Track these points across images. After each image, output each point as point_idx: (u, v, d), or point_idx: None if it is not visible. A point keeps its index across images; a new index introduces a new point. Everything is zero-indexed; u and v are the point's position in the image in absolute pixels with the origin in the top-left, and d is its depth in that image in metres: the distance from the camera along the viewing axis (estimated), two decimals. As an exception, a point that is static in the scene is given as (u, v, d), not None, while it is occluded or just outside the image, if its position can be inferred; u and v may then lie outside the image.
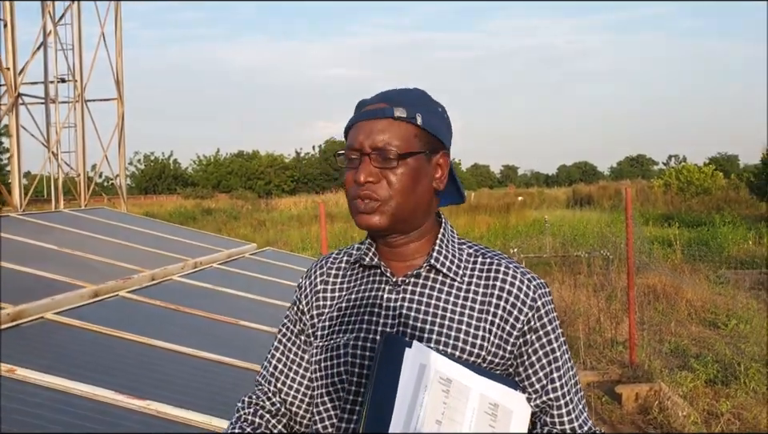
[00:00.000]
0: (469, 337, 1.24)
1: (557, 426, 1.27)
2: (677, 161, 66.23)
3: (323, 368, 1.30)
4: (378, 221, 1.24)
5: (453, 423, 1.16)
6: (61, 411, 2.18)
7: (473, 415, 1.18)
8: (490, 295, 1.27)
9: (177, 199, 41.70)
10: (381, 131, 1.23)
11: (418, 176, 1.25)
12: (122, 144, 19.78)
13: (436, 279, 1.29)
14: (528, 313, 1.26)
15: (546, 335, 1.28)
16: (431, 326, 1.25)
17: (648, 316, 8.21)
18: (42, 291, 3.34)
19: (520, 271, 1.29)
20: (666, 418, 5.05)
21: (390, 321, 1.26)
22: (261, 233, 18.81)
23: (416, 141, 1.24)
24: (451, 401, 1.17)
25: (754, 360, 6.20)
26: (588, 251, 11.73)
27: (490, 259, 1.31)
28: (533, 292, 1.27)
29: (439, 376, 1.18)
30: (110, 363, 2.67)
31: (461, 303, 1.27)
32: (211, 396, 2.54)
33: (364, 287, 1.32)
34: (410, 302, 1.27)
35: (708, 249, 12.99)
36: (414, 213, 1.27)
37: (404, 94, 1.28)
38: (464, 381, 1.19)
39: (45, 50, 17.71)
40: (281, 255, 6.28)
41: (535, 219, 19.80)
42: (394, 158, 1.23)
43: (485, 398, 1.20)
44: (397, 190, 1.23)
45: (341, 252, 1.42)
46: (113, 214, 6.50)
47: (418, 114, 1.25)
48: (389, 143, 1.23)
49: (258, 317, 3.76)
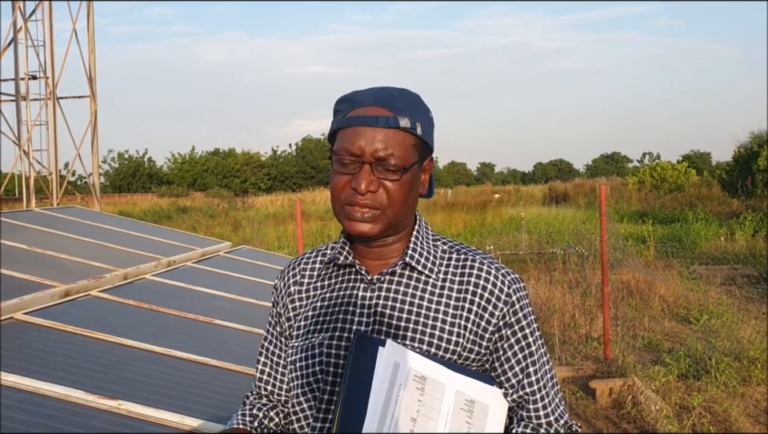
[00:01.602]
0: (444, 333, 1.25)
1: (533, 420, 1.28)
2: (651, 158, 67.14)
3: (299, 368, 1.30)
4: (371, 229, 1.24)
5: (428, 420, 1.16)
6: (30, 412, 2.15)
7: (449, 411, 1.18)
8: (465, 292, 1.27)
9: (152, 198, 41.33)
10: (384, 140, 1.21)
11: (413, 186, 1.26)
12: (95, 142, 19.55)
13: (411, 276, 1.29)
14: (503, 308, 1.26)
15: (521, 329, 1.28)
16: (406, 323, 1.25)
17: (622, 312, 8.31)
18: (10, 291, 3.28)
19: (494, 267, 1.29)
20: (639, 412, 5.12)
21: (366, 319, 1.26)
22: (237, 232, 18.70)
23: (414, 151, 1.25)
24: (426, 399, 1.17)
25: (725, 355, 6.30)
26: (563, 248, 11.83)
27: (464, 255, 1.31)
28: (507, 287, 1.27)
29: (414, 374, 1.18)
30: (80, 364, 2.64)
31: (436, 300, 1.27)
32: (184, 395, 2.51)
33: (339, 286, 1.32)
34: (386, 300, 1.27)
35: (681, 245, 13.18)
36: (403, 219, 1.28)
37: (402, 98, 1.25)
38: (439, 378, 1.20)
39: (15, 47, 17.46)
40: (256, 253, 6.25)
41: (511, 217, 19.94)
42: (397, 170, 1.22)
43: (461, 394, 1.20)
44: (395, 200, 1.23)
45: (314, 252, 1.42)
46: (85, 213, 6.42)
47: (418, 124, 1.24)
48: (392, 155, 1.21)
49: (232, 316, 3.74)
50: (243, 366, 2.95)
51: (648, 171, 29.38)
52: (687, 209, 19.60)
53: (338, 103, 1.28)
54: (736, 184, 23.35)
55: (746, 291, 9.55)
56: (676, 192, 25.96)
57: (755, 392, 5.59)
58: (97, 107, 19.56)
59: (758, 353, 6.27)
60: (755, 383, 5.75)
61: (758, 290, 9.60)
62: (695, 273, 10.74)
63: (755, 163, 22.44)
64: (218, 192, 38.37)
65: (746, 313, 8.16)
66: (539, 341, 1.30)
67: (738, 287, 9.77)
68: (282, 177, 56.58)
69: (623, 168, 69.68)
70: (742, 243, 13.44)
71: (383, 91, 1.26)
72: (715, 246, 13.30)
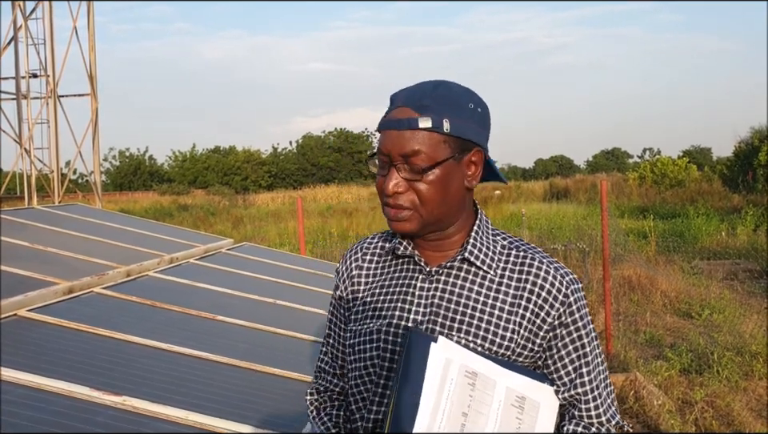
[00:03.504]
0: (499, 330, 1.26)
1: (584, 419, 1.29)
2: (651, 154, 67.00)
3: (356, 352, 1.33)
4: (410, 227, 1.26)
5: (479, 415, 1.17)
6: (34, 408, 2.15)
7: (499, 407, 1.19)
8: (522, 289, 1.28)
9: (153, 196, 41.29)
10: (408, 141, 1.22)
11: (447, 182, 1.26)
12: (96, 140, 19.53)
13: (469, 271, 1.30)
14: (559, 308, 1.27)
15: (576, 330, 1.29)
16: (462, 316, 1.27)
17: (624, 307, 8.31)
18: (14, 288, 3.29)
19: (554, 266, 1.30)
20: (641, 407, 5.12)
21: (422, 310, 1.29)
22: (238, 229, 18.70)
23: (444, 147, 1.24)
24: (477, 394, 1.19)
25: (727, 349, 6.31)
26: (564, 244, 11.83)
27: (524, 253, 1.32)
28: (565, 288, 1.28)
29: (465, 370, 1.19)
30: (84, 360, 2.64)
31: (493, 295, 1.28)
32: (188, 391, 2.52)
33: (398, 275, 1.35)
34: (443, 292, 1.29)
35: (682, 240, 13.16)
36: (446, 215, 1.28)
37: (433, 94, 1.25)
38: (490, 374, 1.21)
39: (15, 45, 17.45)
40: (258, 250, 6.25)
41: (512, 213, 19.90)
42: (420, 170, 1.23)
43: (511, 391, 1.21)
44: (426, 199, 1.24)
45: (376, 237, 1.45)
46: (87, 211, 6.42)
47: (445, 120, 1.23)
48: (416, 155, 1.22)
49: (235, 312, 3.75)
50: (247, 362, 2.95)
51: (649, 167, 29.30)
52: (688, 204, 19.56)
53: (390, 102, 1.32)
54: (737, 179, 23.32)
55: (748, 285, 9.55)
56: (677, 187, 25.89)
57: (757, 387, 5.59)
58: (98, 105, 19.54)
59: (760, 348, 6.27)
60: (757, 378, 5.75)
61: (759, 284, 9.59)
62: (697, 268, 10.74)
63: (756, 158, 22.42)
64: (219, 190, 38.35)
65: (748, 308, 8.16)
66: (594, 342, 1.32)
67: (739, 282, 9.76)
68: (283, 174, 56.55)
69: (624, 164, 69.63)
70: (744, 237, 13.42)
71: (417, 89, 1.26)
72: (716, 241, 13.28)
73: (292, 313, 4.13)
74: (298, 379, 2.89)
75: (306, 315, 4.14)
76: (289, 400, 2.66)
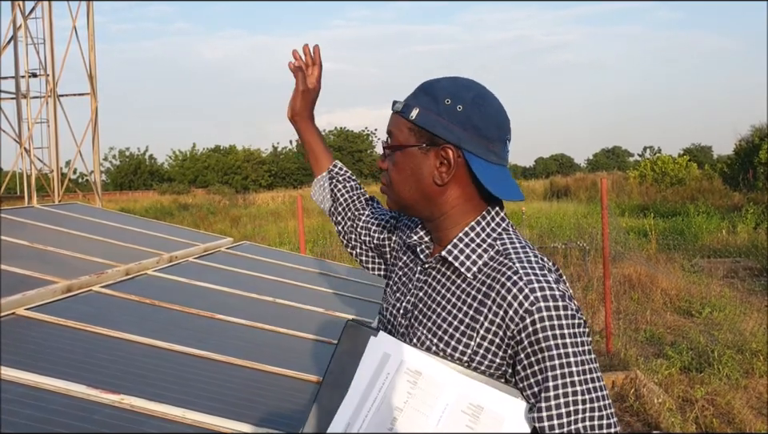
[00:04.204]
0: (456, 333, 1.24)
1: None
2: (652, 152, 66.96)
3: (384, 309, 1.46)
4: (389, 204, 1.38)
5: (417, 413, 1.16)
6: (32, 406, 2.15)
7: (445, 410, 1.16)
8: (487, 298, 1.22)
9: (153, 195, 41.31)
10: (389, 123, 1.35)
11: (413, 169, 1.30)
12: (95, 139, 19.53)
13: (449, 269, 1.31)
14: (517, 325, 1.17)
15: (540, 351, 1.16)
16: (430, 313, 1.29)
17: (624, 306, 8.31)
18: (12, 286, 3.28)
19: (525, 280, 1.18)
20: (641, 405, 5.11)
21: (413, 299, 1.35)
22: (238, 228, 18.70)
23: (409, 134, 1.30)
24: (418, 392, 1.17)
25: (728, 347, 6.30)
26: (565, 243, 11.82)
27: (509, 263, 1.23)
28: (530, 305, 1.16)
29: (407, 367, 1.18)
30: (83, 359, 2.63)
31: (462, 299, 1.26)
32: (186, 390, 2.51)
33: (408, 263, 1.44)
34: (428, 286, 1.33)
35: (683, 239, 13.16)
36: (416, 202, 1.32)
37: (427, 84, 1.32)
38: (437, 377, 1.18)
39: (15, 45, 17.45)
40: (258, 248, 6.25)
41: (513, 211, 19.88)
42: (386, 148, 1.34)
43: (464, 397, 1.17)
44: (392, 179, 1.34)
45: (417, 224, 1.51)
46: (86, 210, 6.41)
47: (415, 109, 1.29)
48: (390, 135, 1.34)
49: (234, 311, 3.74)
50: (246, 360, 2.95)
51: (649, 165, 29.27)
52: (689, 202, 19.56)
53: None
54: (737, 177, 23.29)
55: (748, 283, 9.55)
56: (677, 186, 25.88)
57: (758, 385, 5.59)
58: (97, 105, 19.54)
59: (761, 345, 6.27)
60: (758, 376, 5.75)
61: (760, 282, 9.59)
62: (697, 266, 10.73)
63: (756, 156, 22.39)
64: (219, 189, 38.36)
65: (748, 306, 8.15)
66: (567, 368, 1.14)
67: (740, 280, 9.76)
68: (283, 173, 56.57)
69: (624, 162, 69.64)
70: (744, 236, 13.42)
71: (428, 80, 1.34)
72: (717, 239, 13.27)
73: (291, 312, 4.13)
74: (297, 378, 2.88)
75: (305, 314, 4.13)
76: (288, 399, 2.65)
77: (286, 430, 2.33)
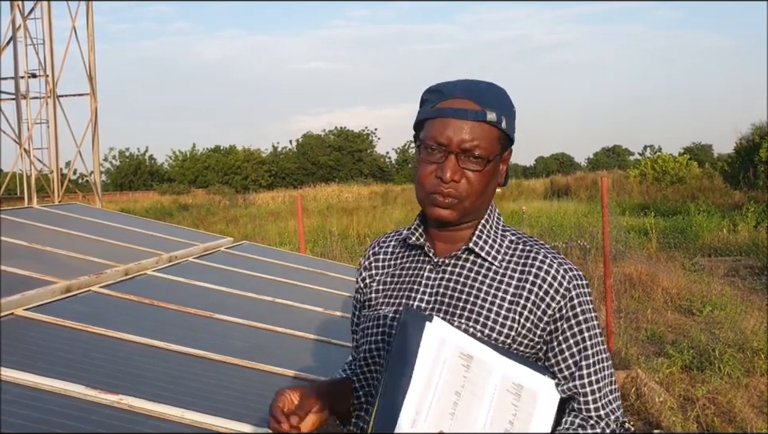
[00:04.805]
0: (500, 317, 1.30)
1: (583, 412, 1.31)
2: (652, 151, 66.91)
3: (367, 336, 1.40)
4: (450, 215, 1.30)
5: (473, 397, 1.20)
6: (31, 407, 2.14)
7: (494, 391, 1.22)
8: (524, 281, 1.31)
9: (153, 196, 41.30)
10: (471, 132, 1.27)
11: (493, 177, 1.33)
12: (95, 140, 19.51)
13: (474, 261, 1.35)
14: (560, 301, 1.30)
15: (577, 324, 1.31)
16: (464, 303, 1.32)
17: (625, 304, 8.29)
18: (11, 287, 3.27)
19: (557, 261, 1.33)
20: (642, 404, 5.10)
21: (426, 297, 1.34)
22: (238, 228, 18.68)
23: (498, 144, 1.31)
24: (471, 376, 1.21)
25: (729, 346, 6.29)
26: (565, 242, 11.81)
27: (530, 247, 1.36)
28: (567, 282, 1.30)
29: (460, 352, 1.22)
30: (81, 359, 2.62)
31: (495, 285, 1.32)
32: (185, 390, 2.50)
33: (409, 265, 1.42)
34: (447, 281, 1.34)
35: (683, 237, 13.15)
36: (481, 209, 1.35)
37: (489, 93, 1.31)
38: (486, 359, 1.24)
39: (14, 45, 17.44)
40: (257, 248, 6.24)
41: (513, 211, 19.87)
42: (481, 162, 1.28)
43: (508, 378, 1.24)
44: (475, 190, 1.30)
45: (394, 232, 1.53)
46: (86, 210, 6.40)
47: (504, 118, 1.29)
48: (478, 147, 1.27)
49: (233, 310, 3.73)
50: (244, 360, 2.94)
51: (649, 164, 29.25)
52: (689, 201, 19.53)
53: (427, 93, 1.35)
54: (738, 176, 23.25)
55: (749, 282, 9.53)
56: (678, 184, 25.86)
57: (759, 383, 5.57)
58: (97, 105, 19.52)
59: (762, 344, 6.25)
60: (759, 374, 5.73)
61: (761, 281, 9.57)
62: (698, 265, 10.72)
63: (757, 155, 22.36)
64: (219, 189, 38.35)
65: (750, 304, 8.14)
66: (597, 338, 1.33)
67: (740, 279, 9.75)
68: (283, 173, 56.57)
69: (625, 161, 69.60)
70: (745, 234, 13.39)
71: (472, 84, 1.31)
72: (718, 237, 13.25)
73: (291, 311, 4.12)
74: (296, 378, 2.87)
75: (305, 314, 4.12)
76: (287, 398, 2.64)
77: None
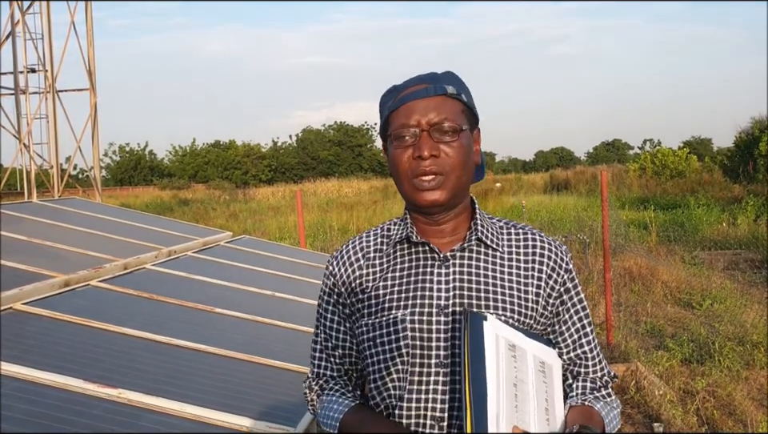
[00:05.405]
0: (521, 301, 1.32)
1: (590, 374, 1.39)
2: (652, 145, 66.80)
3: (379, 344, 1.33)
4: (440, 196, 1.29)
5: (524, 384, 1.23)
6: (30, 401, 2.13)
7: (533, 374, 1.25)
8: (531, 262, 1.36)
9: (153, 191, 41.27)
10: (436, 108, 1.29)
11: (469, 150, 1.32)
12: (95, 135, 19.47)
13: (480, 252, 1.36)
14: (564, 275, 1.37)
15: (576, 294, 1.39)
16: (486, 295, 1.32)
17: (624, 298, 8.29)
18: (10, 281, 3.27)
19: (547, 240, 1.40)
20: (642, 397, 5.10)
21: (444, 294, 1.31)
22: (238, 223, 18.67)
23: (463, 116, 1.32)
24: (519, 364, 1.25)
25: (728, 339, 6.29)
26: (565, 235, 11.80)
27: (521, 230, 1.40)
28: (564, 254, 1.39)
29: (508, 343, 1.25)
30: (80, 353, 2.62)
31: (507, 271, 1.35)
32: (184, 384, 2.50)
33: (409, 264, 1.36)
34: (461, 274, 1.33)
35: (683, 231, 13.14)
36: (465, 187, 1.35)
37: (444, 75, 1.35)
38: (521, 345, 1.27)
39: (13, 40, 17.39)
40: (257, 242, 6.23)
41: (513, 205, 19.88)
42: (452, 131, 1.29)
43: (536, 358, 1.28)
44: (457, 163, 1.30)
45: (370, 234, 1.46)
46: (85, 204, 6.40)
47: (462, 93, 1.33)
48: (446, 118, 1.29)
49: (232, 304, 3.72)
50: (243, 353, 2.93)
51: (649, 158, 29.21)
52: (689, 195, 19.53)
53: (384, 96, 1.37)
54: (737, 170, 23.25)
55: (749, 275, 9.53)
56: (677, 178, 25.84)
57: (759, 376, 5.57)
58: (97, 100, 19.48)
59: (761, 337, 6.26)
60: (758, 367, 5.73)
61: (760, 274, 9.57)
62: (698, 258, 10.71)
63: (756, 148, 22.36)
64: (219, 184, 38.32)
65: (749, 297, 8.13)
66: (585, 302, 1.42)
67: (740, 272, 9.74)
68: (283, 168, 56.47)
69: (624, 155, 69.51)
70: (744, 228, 13.39)
71: (425, 73, 1.35)
72: (717, 231, 13.25)
73: (290, 305, 4.12)
74: (296, 371, 2.87)
75: (304, 307, 4.12)
76: (287, 392, 2.64)
77: (285, 424, 2.32)
